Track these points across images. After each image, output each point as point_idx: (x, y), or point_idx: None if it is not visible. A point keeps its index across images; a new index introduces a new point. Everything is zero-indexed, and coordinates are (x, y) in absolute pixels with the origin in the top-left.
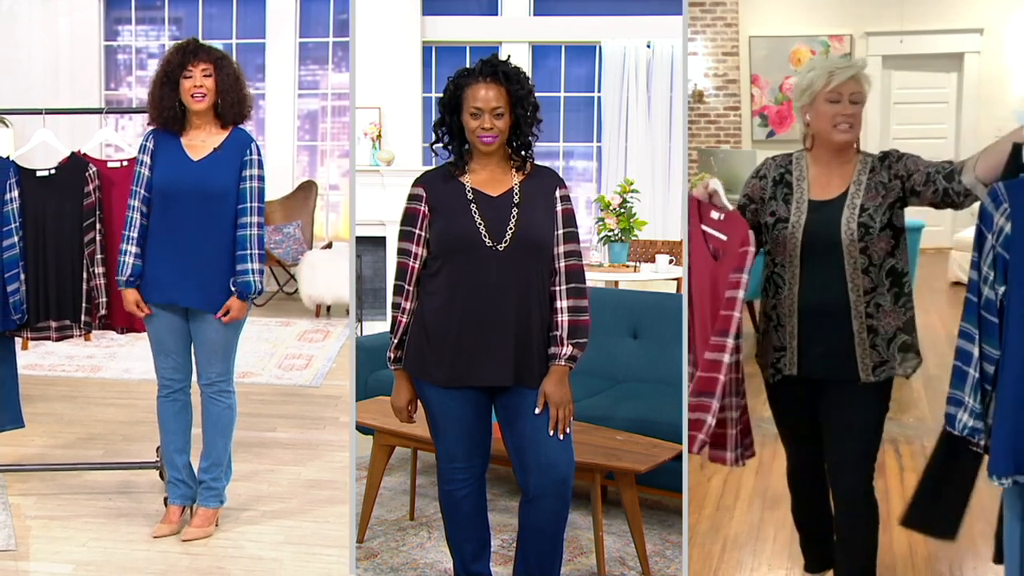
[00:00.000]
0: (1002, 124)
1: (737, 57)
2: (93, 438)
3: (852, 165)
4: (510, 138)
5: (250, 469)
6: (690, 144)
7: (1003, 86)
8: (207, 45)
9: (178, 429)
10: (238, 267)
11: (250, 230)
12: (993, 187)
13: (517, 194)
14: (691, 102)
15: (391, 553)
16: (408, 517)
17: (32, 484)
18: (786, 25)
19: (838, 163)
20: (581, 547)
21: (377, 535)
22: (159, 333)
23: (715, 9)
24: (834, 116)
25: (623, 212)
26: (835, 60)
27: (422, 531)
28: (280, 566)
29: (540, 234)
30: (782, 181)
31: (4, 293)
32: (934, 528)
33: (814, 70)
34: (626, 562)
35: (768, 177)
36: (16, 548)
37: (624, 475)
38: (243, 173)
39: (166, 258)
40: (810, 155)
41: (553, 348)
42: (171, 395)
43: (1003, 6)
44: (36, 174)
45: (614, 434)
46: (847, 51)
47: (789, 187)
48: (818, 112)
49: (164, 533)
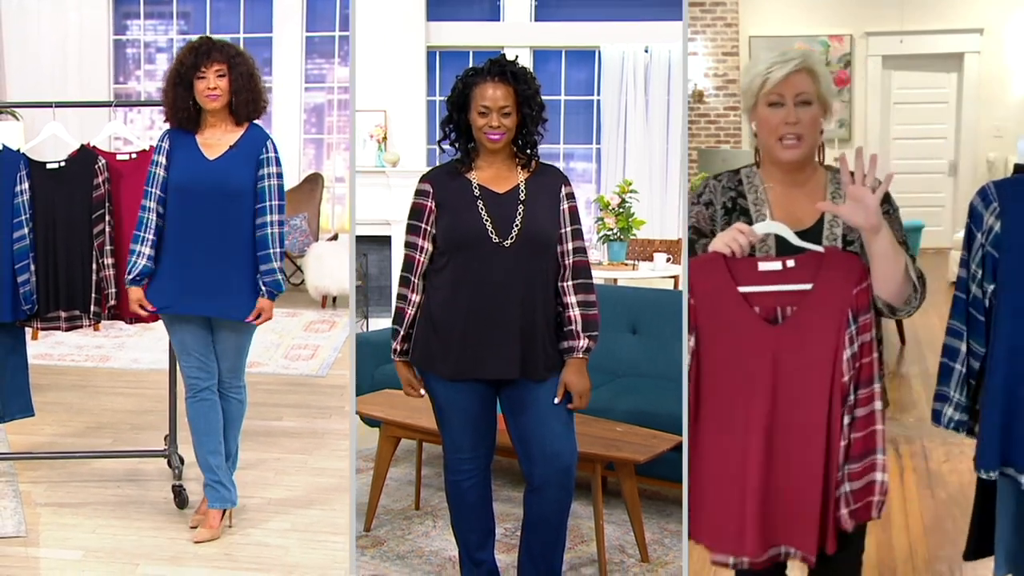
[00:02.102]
0: (1001, 124)
1: (737, 57)
2: (102, 427)
3: (819, 183)
4: (516, 136)
5: (256, 458)
6: (690, 144)
7: (1003, 86)
8: (220, 43)
9: (208, 430)
10: (263, 267)
11: (272, 228)
12: (983, 186)
13: (523, 191)
14: (691, 102)
15: (397, 541)
16: (414, 507)
17: (42, 472)
18: (786, 25)
19: (797, 181)
20: (582, 535)
21: (383, 524)
22: (181, 334)
23: (715, 9)
24: (777, 125)
25: (622, 212)
26: (780, 52)
27: (427, 520)
28: (286, 553)
29: (545, 230)
30: (735, 208)
31: (14, 284)
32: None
33: (754, 67)
34: (625, 550)
35: (715, 204)
36: (26, 534)
37: (624, 465)
38: (260, 172)
39: (184, 259)
40: (762, 172)
41: (570, 342)
42: (198, 394)
43: (1003, 6)
44: (46, 166)
45: (614, 426)
46: (847, 51)
47: (746, 214)
48: (760, 119)
49: (205, 538)
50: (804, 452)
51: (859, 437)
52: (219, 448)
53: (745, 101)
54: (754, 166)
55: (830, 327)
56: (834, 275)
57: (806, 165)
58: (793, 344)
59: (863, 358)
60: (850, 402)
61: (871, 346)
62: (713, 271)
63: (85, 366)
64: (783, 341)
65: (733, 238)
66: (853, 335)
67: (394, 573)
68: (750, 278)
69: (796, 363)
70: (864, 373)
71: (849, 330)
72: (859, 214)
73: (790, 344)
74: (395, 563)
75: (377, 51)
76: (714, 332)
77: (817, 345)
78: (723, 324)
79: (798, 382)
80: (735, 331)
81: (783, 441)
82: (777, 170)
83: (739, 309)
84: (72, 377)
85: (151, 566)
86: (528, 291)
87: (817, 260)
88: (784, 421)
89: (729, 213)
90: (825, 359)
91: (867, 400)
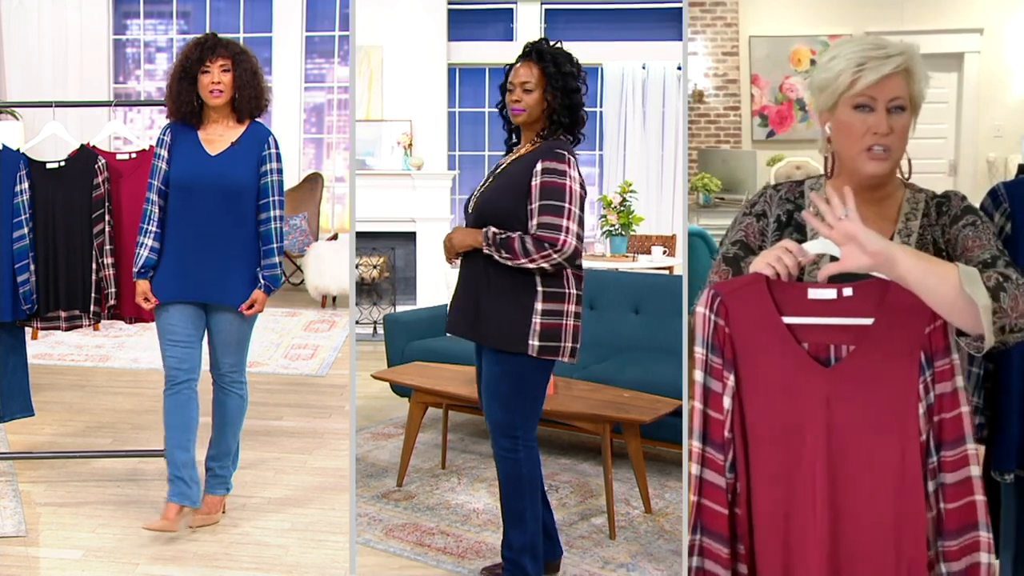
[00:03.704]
0: (1001, 124)
1: (737, 57)
2: (102, 426)
3: (895, 202)
4: (550, 114)
5: (257, 457)
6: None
7: (1003, 86)
8: (226, 40)
9: (179, 424)
10: (266, 261)
11: (274, 224)
12: (994, 187)
13: (504, 166)
14: (691, 102)
15: (426, 495)
16: (440, 466)
17: (42, 471)
18: (786, 25)
19: (873, 199)
20: (591, 491)
21: (414, 480)
22: (168, 322)
23: (715, 9)
24: (864, 134)
25: (623, 210)
26: (872, 42)
27: (453, 477)
28: (286, 552)
29: (492, 206)
30: (790, 223)
31: (14, 283)
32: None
33: (836, 58)
34: (630, 502)
35: (769, 216)
36: (26, 534)
37: (630, 426)
38: (263, 168)
39: (184, 252)
40: (831, 185)
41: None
42: (175, 386)
43: (1003, 6)
44: (46, 166)
45: (621, 392)
46: None
47: (801, 232)
48: (840, 124)
49: (157, 528)
50: (870, 526)
51: (953, 509)
52: (189, 445)
53: (821, 99)
54: (822, 178)
55: (897, 373)
56: (901, 308)
57: (888, 181)
58: (849, 391)
59: (944, 412)
60: (931, 465)
61: (956, 397)
62: (753, 296)
63: (85, 366)
64: (838, 388)
65: (778, 257)
66: (929, 383)
67: (425, 522)
68: (798, 307)
69: (852, 415)
70: (948, 431)
71: (923, 377)
72: (857, 255)
73: (846, 391)
74: (425, 513)
75: (404, 68)
76: (753, 370)
77: (879, 395)
78: (763, 362)
79: (855, 439)
80: (777, 371)
81: (845, 512)
82: (853, 184)
83: (784, 345)
84: (72, 377)
85: (151, 566)
86: (474, 258)
87: (881, 289)
88: (843, 487)
89: (783, 228)
90: (889, 412)
91: (957, 464)
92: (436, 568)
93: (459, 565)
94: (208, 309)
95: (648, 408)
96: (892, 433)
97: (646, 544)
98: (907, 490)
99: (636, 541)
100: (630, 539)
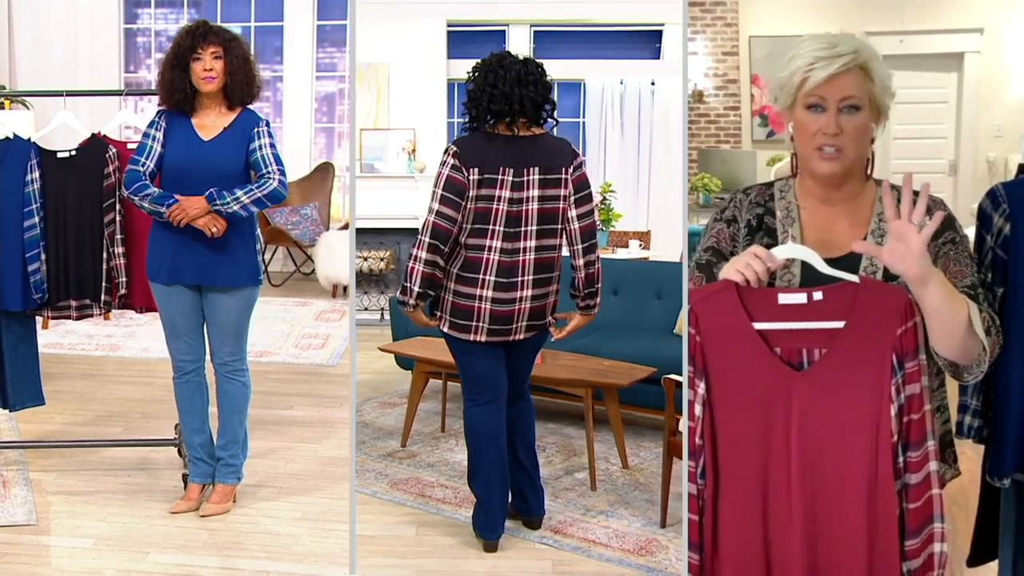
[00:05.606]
0: (1001, 124)
1: (737, 57)
2: (112, 415)
3: (866, 201)
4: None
5: (267, 447)
6: (690, 144)
7: (1003, 86)
8: (217, 27)
9: (194, 409)
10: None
11: (273, 177)
12: (993, 188)
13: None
14: (691, 102)
15: (427, 454)
16: (440, 430)
17: (53, 460)
18: (786, 25)
19: (839, 199)
20: (574, 450)
21: (416, 442)
22: (171, 315)
23: (715, 9)
24: (815, 134)
25: (603, 207)
26: (825, 41)
27: (451, 440)
28: (296, 541)
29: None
30: (760, 226)
31: (25, 273)
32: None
33: (795, 57)
34: (609, 459)
35: (740, 221)
36: (37, 523)
37: (609, 390)
38: (252, 145)
39: (177, 237)
40: (798, 184)
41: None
42: (185, 376)
43: (1003, 6)
44: (57, 155)
45: (601, 361)
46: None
47: (772, 235)
48: (797, 123)
49: (182, 509)
50: (846, 528)
51: (915, 508)
52: (204, 427)
53: (781, 99)
54: (790, 178)
55: (868, 376)
56: (872, 311)
57: (848, 180)
58: (821, 396)
59: (912, 413)
60: (898, 465)
61: (922, 398)
62: (723, 303)
63: (95, 355)
64: (809, 392)
65: (747, 263)
66: (900, 385)
67: (426, 476)
68: (768, 312)
69: (825, 419)
70: (914, 431)
71: (895, 379)
72: (901, 259)
73: (818, 396)
74: (427, 470)
75: (408, 82)
76: (724, 376)
77: (852, 398)
78: (734, 368)
79: (829, 443)
80: (749, 377)
81: (818, 515)
82: (814, 184)
83: (754, 350)
84: (82, 366)
85: (162, 554)
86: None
87: (851, 292)
88: (818, 490)
89: (753, 232)
90: (862, 415)
91: (920, 463)
92: (436, 515)
93: (456, 512)
94: (204, 294)
95: (625, 374)
96: (865, 435)
97: (623, 495)
98: (880, 492)
99: (614, 492)
100: (608, 490)
